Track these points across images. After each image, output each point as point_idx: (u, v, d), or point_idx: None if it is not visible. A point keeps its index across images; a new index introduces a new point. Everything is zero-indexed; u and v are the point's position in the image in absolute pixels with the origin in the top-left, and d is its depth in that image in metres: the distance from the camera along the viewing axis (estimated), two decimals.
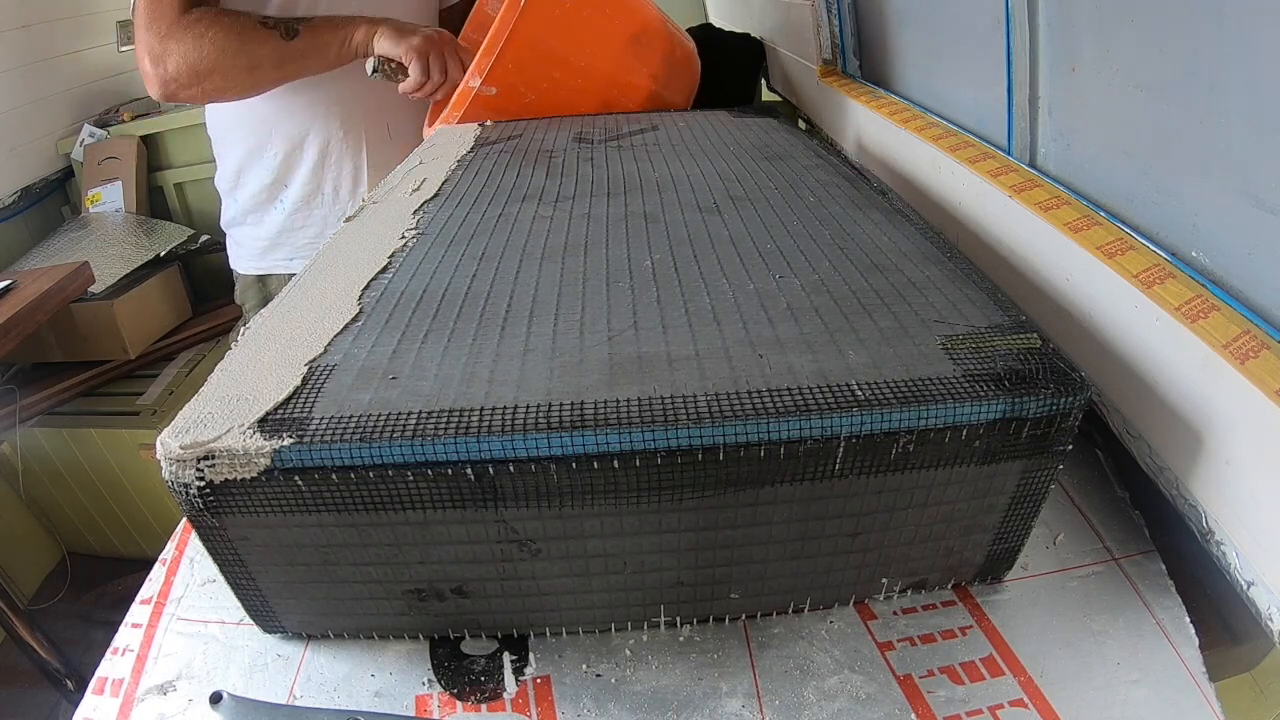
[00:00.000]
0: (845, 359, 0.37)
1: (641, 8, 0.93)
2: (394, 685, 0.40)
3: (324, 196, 1.05)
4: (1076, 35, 0.55)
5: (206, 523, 0.36)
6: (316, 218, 1.06)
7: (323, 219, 1.06)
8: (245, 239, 1.11)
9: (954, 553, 0.41)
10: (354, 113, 1.01)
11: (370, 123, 1.02)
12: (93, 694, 0.41)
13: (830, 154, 0.72)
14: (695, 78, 1.01)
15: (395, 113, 1.04)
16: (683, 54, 0.98)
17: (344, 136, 1.01)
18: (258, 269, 1.12)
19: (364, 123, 1.02)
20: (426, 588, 0.39)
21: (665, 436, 0.33)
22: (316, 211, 1.05)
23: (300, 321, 0.44)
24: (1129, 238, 0.48)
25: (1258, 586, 0.37)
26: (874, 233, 0.52)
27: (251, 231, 1.10)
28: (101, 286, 1.50)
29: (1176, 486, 0.42)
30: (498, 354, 0.39)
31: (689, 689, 0.39)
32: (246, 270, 1.14)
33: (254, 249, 1.11)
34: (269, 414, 0.35)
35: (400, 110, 1.04)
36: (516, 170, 0.71)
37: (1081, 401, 0.35)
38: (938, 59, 0.78)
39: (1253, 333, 0.39)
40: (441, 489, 0.34)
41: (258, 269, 1.12)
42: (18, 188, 1.71)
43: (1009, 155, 0.64)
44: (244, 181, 1.06)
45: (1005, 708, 0.38)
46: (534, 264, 0.50)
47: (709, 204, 0.59)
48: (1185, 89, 0.45)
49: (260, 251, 1.10)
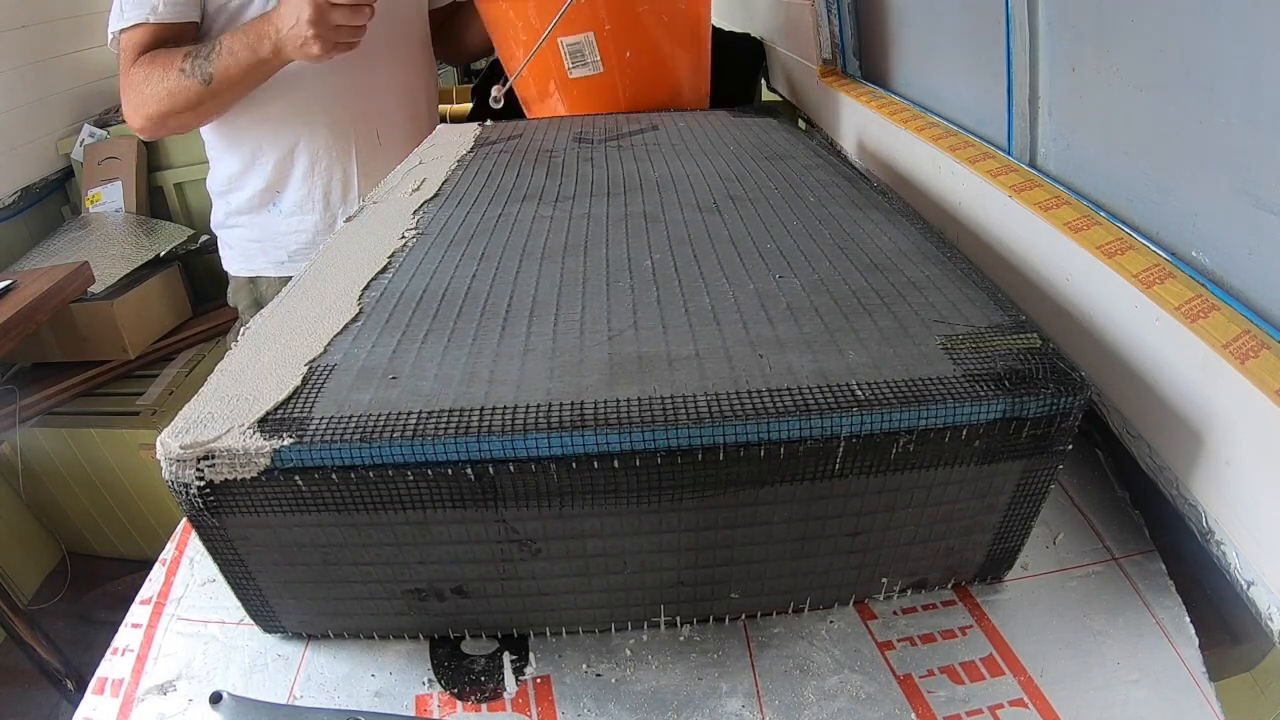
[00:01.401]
0: (845, 359, 0.37)
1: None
2: (394, 685, 0.40)
3: (315, 202, 1.05)
4: (1076, 35, 0.55)
5: (206, 522, 0.36)
6: (309, 223, 1.06)
7: (314, 224, 1.06)
8: (236, 240, 1.11)
9: (954, 552, 0.41)
10: (341, 120, 1.01)
11: (359, 129, 1.03)
12: (93, 694, 0.41)
13: (830, 154, 0.72)
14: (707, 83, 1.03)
15: (383, 119, 1.05)
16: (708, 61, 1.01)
17: (332, 144, 1.02)
18: (248, 270, 1.12)
19: (352, 130, 1.02)
20: (426, 588, 0.39)
21: (665, 436, 0.33)
22: (309, 217, 1.05)
23: (300, 321, 0.44)
24: (1129, 238, 0.48)
25: (1258, 586, 0.37)
26: (874, 233, 0.52)
27: (243, 233, 1.10)
28: (101, 286, 1.50)
29: (1176, 486, 0.42)
30: (498, 354, 0.39)
31: (689, 689, 0.39)
32: (238, 271, 1.14)
33: (245, 250, 1.11)
34: (269, 414, 0.35)
35: (388, 116, 1.05)
36: (516, 170, 0.71)
37: (1081, 401, 0.35)
38: (938, 59, 0.78)
39: (1253, 333, 0.39)
40: (441, 489, 0.34)
41: (248, 270, 1.12)
42: (18, 188, 1.71)
43: (1009, 155, 0.64)
44: (237, 186, 1.06)
45: (1005, 707, 0.38)
46: (534, 264, 0.50)
47: (709, 204, 0.59)
48: (1185, 89, 0.45)
49: (251, 253, 1.10)
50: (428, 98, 1.15)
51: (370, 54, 0.95)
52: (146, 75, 0.88)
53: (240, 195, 1.06)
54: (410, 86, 1.09)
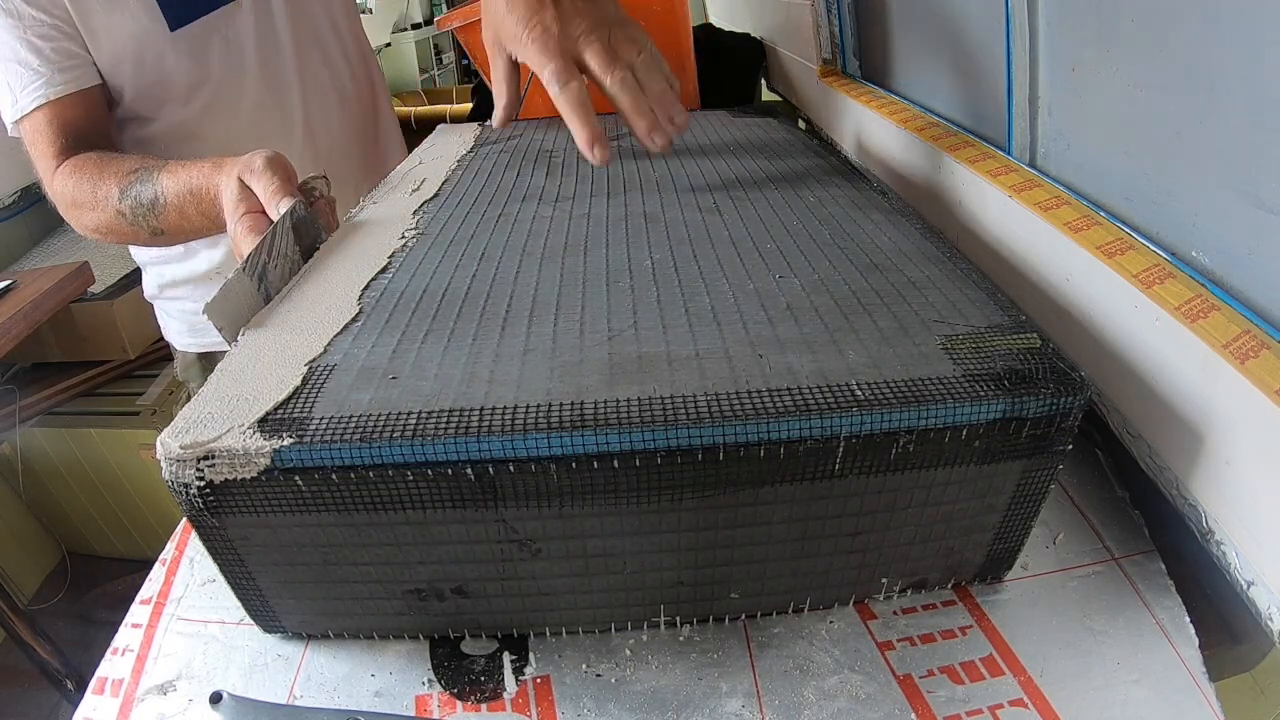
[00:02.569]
0: (845, 359, 0.37)
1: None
2: (394, 685, 0.40)
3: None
4: (1076, 35, 0.55)
5: (206, 523, 0.36)
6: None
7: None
8: (178, 312, 0.97)
9: (954, 553, 0.41)
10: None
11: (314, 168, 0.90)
12: (93, 694, 0.41)
13: (830, 154, 0.72)
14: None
15: (327, 160, 0.93)
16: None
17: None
18: (198, 345, 0.98)
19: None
20: (426, 588, 0.39)
21: (665, 436, 0.33)
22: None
23: (300, 321, 0.44)
24: (1129, 238, 0.48)
25: (1258, 586, 0.37)
26: (874, 233, 0.52)
27: (186, 305, 0.96)
28: (101, 286, 1.50)
29: (1176, 486, 0.42)
30: (498, 354, 0.39)
31: (689, 689, 0.39)
32: (184, 346, 0.99)
33: (191, 323, 0.97)
34: (269, 414, 0.35)
35: (336, 162, 0.94)
36: (516, 170, 0.71)
37: (1081, 401, 0.35)
38: (938, 59, 0.78)
39: (1253, 333, 0.39)
40: (441, 489, 0.34)
41: (198, 345, 0.98)
42: (18, 188, 1.71)
43: (1009, 155, 0.64)
44: (172, 259, 0.92)
45: (1005, 707, 0.38)
46: (534, 264, 0.50)
47: (709, 204, 0.59)
48: (1185, 89, 0.45)
49: (199, 327, 0.96)
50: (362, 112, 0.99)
51: (293, 105, 0.87)
52: (74, 199, 0.72)
53: (177, 269, 0.92)
54: (346, 114, 0.95)
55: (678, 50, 0.96)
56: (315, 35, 0.90)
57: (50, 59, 0.73)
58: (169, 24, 0.77)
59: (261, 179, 0.58)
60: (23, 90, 0.73)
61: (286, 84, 0.88)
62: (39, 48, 0.73)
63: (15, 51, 0.72)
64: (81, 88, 0.75)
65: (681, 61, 0.98)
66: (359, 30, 0.99)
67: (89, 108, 0.77)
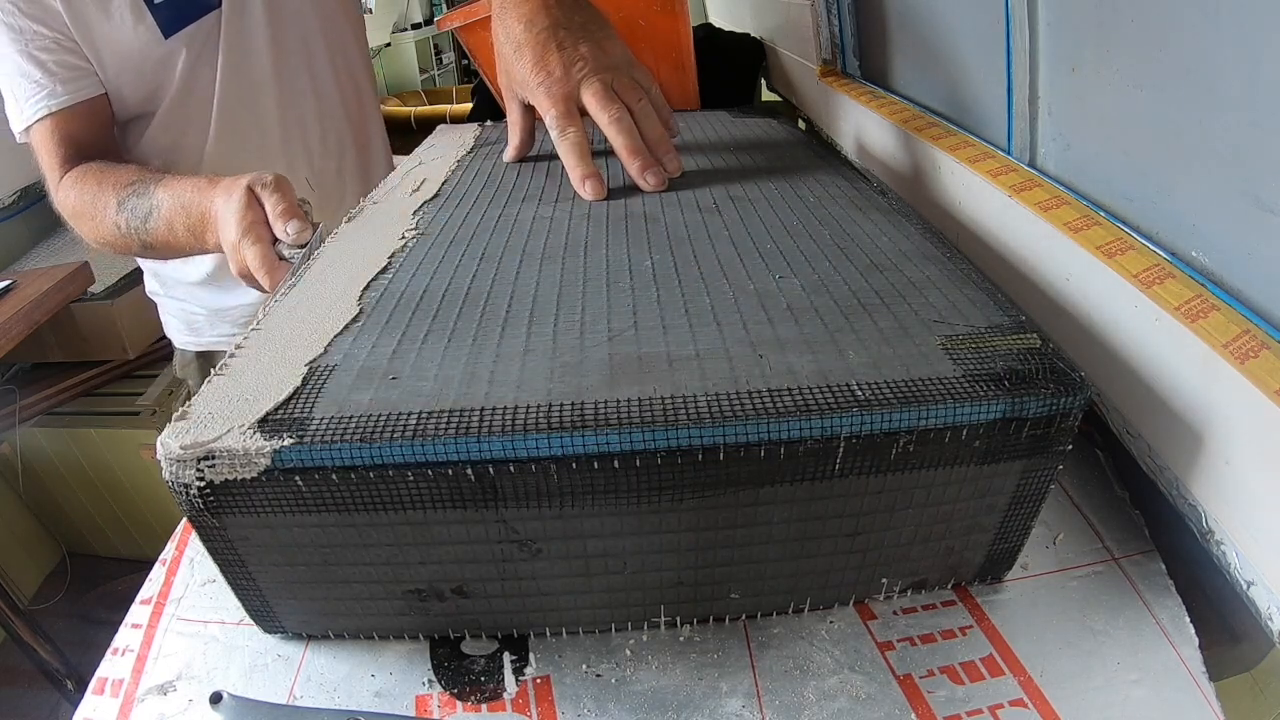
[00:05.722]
0: (845, 359, 0.37)
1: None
2: (394, 685, 0.40)
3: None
4: (1076, 35, 0.55)
5: (206, 523, 0.36)
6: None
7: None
8: (177, 311, 0.98)
9: (954, 553, 0.41)
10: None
11: (300, 185, 0.86)
12: (93, 694, 0.41)
13: (830, 154, 0.72)
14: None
15: (315, 165, 0.93)
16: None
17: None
18: (196, 344, 0.99)
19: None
20: (426, 588, 0.39)
21: (665, 437, 0.33)
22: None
23: (300, 321, 0.44)
24: (1129, 238, 0.48)
25: (1258, 586, 0.37)
26: (874, 233, 0.52)
27: (185, 305, 0.97)
28: (101, 286, 1.50)
29: (1176, 486, 0.42)
30: (498, 354, 0.39)
31: (689, 689, 0.39)
32: (183, 345, 1.00)
33: (190, 321, 0.98)
34: (269, 414, 0.35)
35: (324, 159, 0.94)
36: (516, 170, 0.71)
37: (1081, 401, 0.35)
38: (938, 59, 0.78)
39: (1253, 333, 0.39)
40: (441, 489, 0.34)
41: (196, 344, 0.99)
42: (18, 188, 1.71)
43: (1009, 155, 0.64)
44: (168, 262, 0.92)
45: (1005, 707, 0.38)
46: (534, 264, 0.50)
47: (709, 204, 0.59)
48: (1185, 89, 0.45)
49: (199, 325, 0.97)
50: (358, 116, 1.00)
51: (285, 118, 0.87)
52: (76, 210, 0.75)
53: (174, 272, 0.93)
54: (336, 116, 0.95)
55: (677, 50, 0.96)
56: (301, 42, 0.89)
57: (52, 71, 0.75)
58: (162, 31, 0.79)
59: (274, 195, 0.61)
60: (27, 102, 0.75)
61: (261, 89, 0.87)
62: (41, 61, 0.74)
63: (19, 65, 0.75)
64: (83, 99, 0.76)
65: (681, 61, 0.97)
66: (350, 40, 0.97)
67: (92, 118, 0.78)
